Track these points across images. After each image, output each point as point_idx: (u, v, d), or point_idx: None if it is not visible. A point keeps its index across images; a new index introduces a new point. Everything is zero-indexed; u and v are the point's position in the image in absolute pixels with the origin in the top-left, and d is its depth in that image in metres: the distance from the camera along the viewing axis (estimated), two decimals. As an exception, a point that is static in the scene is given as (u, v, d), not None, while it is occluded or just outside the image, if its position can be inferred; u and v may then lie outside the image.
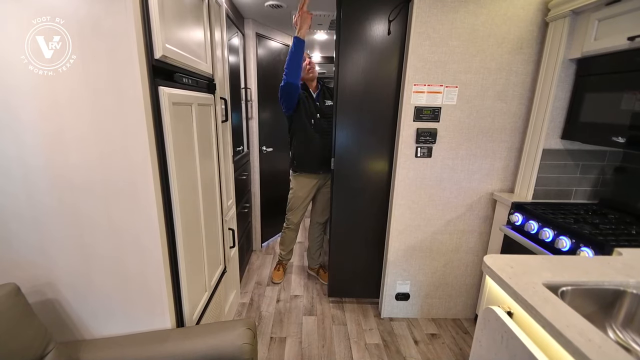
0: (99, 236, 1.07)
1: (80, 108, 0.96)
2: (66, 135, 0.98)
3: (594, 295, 0.89)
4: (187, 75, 1.24)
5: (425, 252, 2.05)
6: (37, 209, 1.03)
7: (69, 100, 0.95)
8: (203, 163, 1.38)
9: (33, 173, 1.00)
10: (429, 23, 1.68)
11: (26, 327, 0.98)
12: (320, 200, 2.48)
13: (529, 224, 1.55)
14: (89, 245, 1.08)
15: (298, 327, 2.06)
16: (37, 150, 0.99)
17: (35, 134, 0.97)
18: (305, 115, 2.24)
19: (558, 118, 1.65)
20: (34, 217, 1.04)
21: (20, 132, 0.97)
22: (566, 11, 1.52)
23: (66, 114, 0.96)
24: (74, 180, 1.02)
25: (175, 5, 1.10)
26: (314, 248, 2.60)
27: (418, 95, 1.78)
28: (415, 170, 1.90)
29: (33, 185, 1.01)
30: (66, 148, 0.99)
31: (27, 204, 1.03)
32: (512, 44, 1.71)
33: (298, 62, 2.05)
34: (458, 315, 2.19)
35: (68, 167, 1.01)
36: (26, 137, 0.97)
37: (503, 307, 0.91)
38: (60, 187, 1.02)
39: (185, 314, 1.22)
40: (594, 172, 1.73)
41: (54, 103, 0.95)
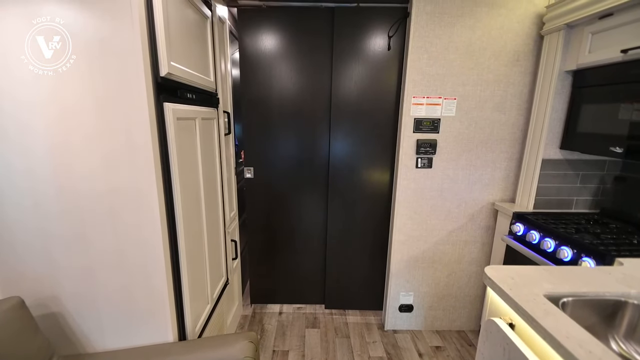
0: (103, 249, 1.09)
1: (85, 122, 0.99)
2: (73, 148, 1.01)
3: (595, 306, 0.89)
4: (191, 91, 1.28)
5: (428, 263, 2.04)
6: (43, 219, 1.06)
7: (73, 113, 0.99)
8: (206, 176, 1.41)
9: (40, 184, 1.03)
10: (426, 37, 1.72)
11: (30, 340, 0.98)
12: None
13: (530, 234, 1.55)
14: (93, 257, 1.09)
15: (301, 340, 2.04)
16: (45, 162, 1.01)
17: (43, 146, 1.00)
18: None
19: (556, 128, 1.67)
20: (41, 228, 1.06)
21: (29, 144, 1.00)
22: (560, 25, 1.55)
23: (73, 127, 0.99)
24: (80, 192, 1.04)
25: (180, 24, 1.14)
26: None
27: (417, 107, 1.81)
28: (416, 181, 1.91)
29: (40, 196, 1.04)
30: (72, 161, 1.02)
31: (33, 215, 1.05)
32: (508, 57, 1.75)
33: None
34: (462, 327, 2.16)
35: (74, 179, 1.03)
36: (35, 149, 1.01)
37: (505, 318, 0.91)
38: (66, 199, 1.04)
39: (188, 327, 1.22)
40: (594, 181, 1.73)
41: (61, 116, 0.99)
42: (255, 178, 2.12)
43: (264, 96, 1.99)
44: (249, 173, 2.11)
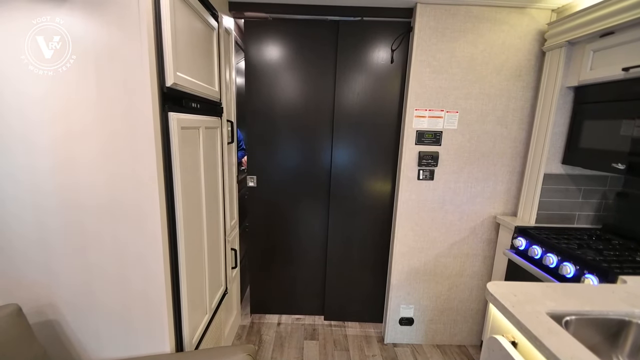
0: (103, 257, 1.08)
1: (91, 133, 1.00)
2: (77, 159, 1.01)
3: (598, 325, 0.88)
4: (196, 100, 1.29)
5: (429, 276, 2.03)
6: (43, 230, 1.06)
7: (77, 131, 1.00)
8: (208, 184, 1.41)
9: (41, 195, 1.03)
10: (429, 52, 1.74)
11: (26, 348, 0.97)
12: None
13: (532, 248, 1.54)
14: (93, 266, 1.09)
15: (299, 352, 2.01)
16: (48, 176, 1.02)
17: (48, 159, 1.01)
18: None
19: (558, 143, 1.67)
20: (41, 238, 1.06)
21: (34, 158, 1.01)
22: (562, 42, 1.57)
23: (79, 140, 1.00)
24: (82, 202, 1.04)
25: (187, 35, 1.16)
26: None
27: (419, 119, 1.82)
28: (417, 192, 1.91)
29: (40, 207, 1.04)
30: (76, 171, 1.02)
31: (33, 225, 1.05)
32: (510, 72, 1.77)
33: None
34: (463, 342, 2.13)
35: (77, 189, 1.03)
36: (40, 161, 1.01)
37: (507, 336, 0.90)
38: (68, 208, 1.04)
39: (185, 337, 1.21)
40: (596, 196, 1.73)
41: (66, 136, 1.00)
42: (258, 187, 2.12)
43: (268, 106, 2.00)
44: (252, 182, 2.11)
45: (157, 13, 0.97)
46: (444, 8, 1.69)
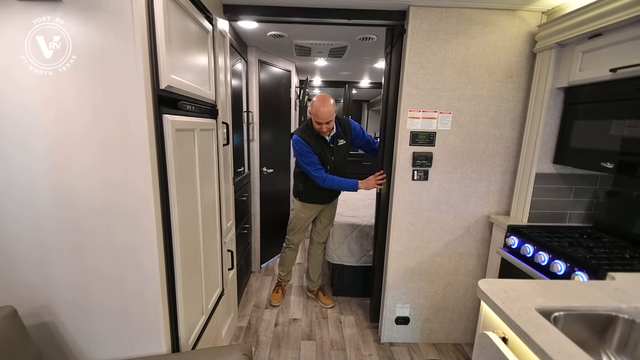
0: (99, 258, 1.09)
1: (82, 131, 1.01)
2: (72, 159, 1.02)
3: (587, 321, 0.90)
4: (191, 102, 1.30)
5: (424, 275, 2.04)
6: (39, 230, 1.06)
7: (77, 123, 1.00)
8: (203, 186, 1.42)
9: (37, 195, 1.04)
10: (422, 54, 1.76)
11: (21, 351, 0.98)
12: (322, 220, 2.49)
13: (524, 247, 1.56)
14: (88, 267, 1.09)
15: (296, 353, 2.02)
16: (44, 176, 1.02)
17: (45, 160, 1.02)
18: (321, 164, 2.20)
19: (549, 143, 1.70)
20: (36, 240, 1.07)
21: (30, 160, 1.01)
22: (552, 43, 1.60)
23: (74, 142, 1.01)
24: (77, 203, 1.05)
25: (181, 38, 1.17)
26: (313, 270, 2.59)
27: (413, 120, 1.84)
28: (412, 193, 1.93)
29: (35, 208, 1.04)
30: (71, 173, 1.03)
31: (29, 226, 1.05)
32: (502, 73, 1.79)
33: (345, 189, 2.23)
34: (459, 340, 2.15)
35: (72, 191, 1.04)
36: (35, 162, 1.02)
37: (498, 332, 0.92)
38: (63, 209, 1.05)
39: (181, 338, 1.21)
40: (587, 195, 1.75)
41: (62, 138, 1.00)
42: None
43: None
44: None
45: (151, 15, 0.98)
46: (436, 10, 1.71)
